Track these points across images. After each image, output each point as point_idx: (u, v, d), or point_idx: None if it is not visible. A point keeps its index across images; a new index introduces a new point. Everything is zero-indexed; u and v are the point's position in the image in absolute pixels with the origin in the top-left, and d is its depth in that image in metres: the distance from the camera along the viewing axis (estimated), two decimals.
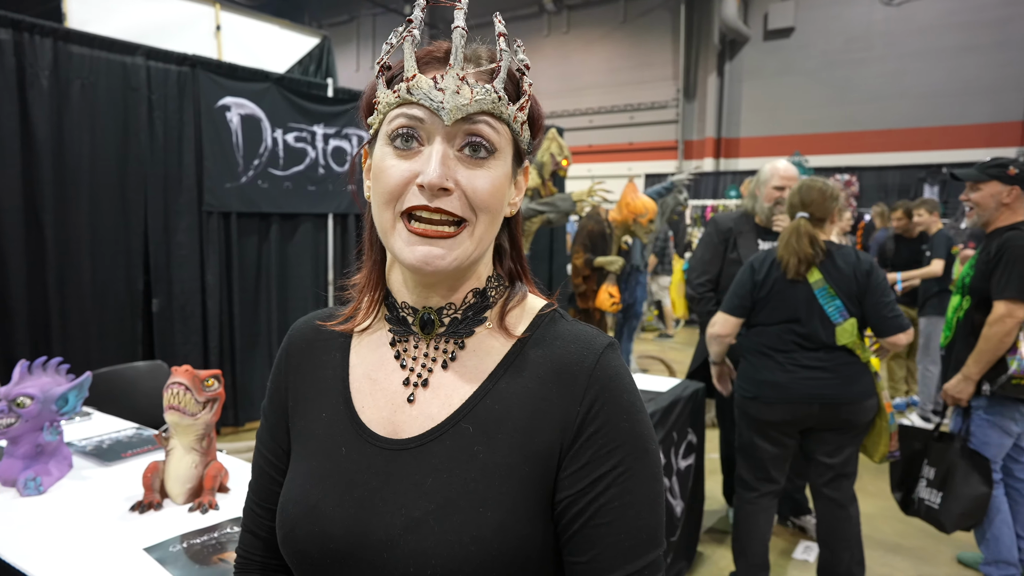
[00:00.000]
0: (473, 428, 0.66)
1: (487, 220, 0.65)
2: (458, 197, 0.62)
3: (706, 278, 2.98)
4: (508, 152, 0.66)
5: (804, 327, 2.27)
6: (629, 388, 0.67)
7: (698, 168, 11.26)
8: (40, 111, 3.33)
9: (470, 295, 0.71)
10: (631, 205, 4.16)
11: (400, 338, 0.72)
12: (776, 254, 2.33)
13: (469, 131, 0.63)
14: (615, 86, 12.78)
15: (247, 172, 4.23)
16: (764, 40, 11.37)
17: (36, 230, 3.36)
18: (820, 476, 2.37)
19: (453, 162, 0.63)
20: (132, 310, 3.75)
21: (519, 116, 0.66)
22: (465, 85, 0.62)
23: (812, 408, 2.26)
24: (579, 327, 0.71)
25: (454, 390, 0.68)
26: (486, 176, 0.64)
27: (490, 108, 0.63)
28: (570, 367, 0.67)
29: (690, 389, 2.96)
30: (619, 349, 0.70)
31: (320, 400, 0.74)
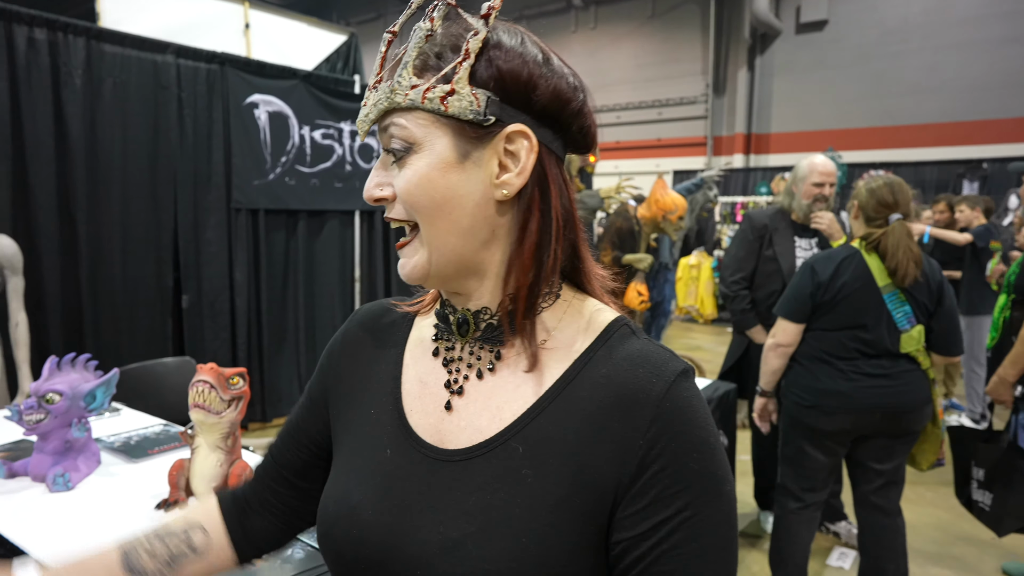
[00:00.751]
0: (523, 448, 0.60)
1: (429, 219, 0.60)
2: (400, 203, 0.61)
3: (740, 276, 2.89)
4: (435, 136, 0.59)
5: (869, 333, 2.14)
6: (702, 422, 0.59)
7: (728, 164, 11.08)
8: (74, 109, 3.37)
9: (507, 300, 0.63)
10: (661, 202, 4.09)
11: (443, 335, 0.69)
12: (845, 255, 2.19)
13: (387, 136, 0.61)
14: (643, 82, 12.62)
15: (275, 169, 4.24)
16: (796, 34, 11.13)
17: (69, 226, 3.41)
18: (869, 483, 2.26)
19: (390, 170, 0.62)
20: (162, 306, 3.79)
21: (434, 92, 0.57)
22: (372, 92, 0.61)
23: (874, 417, 2.15)
24: (651, 347, 0.63)
25: (506, 402, 0.63)
26: (403, 175, 0.60)
27: (387, 105, 0.60)
28: (635, 394, 0.59)
29: (721, 390, 2.90)
30: (692, 376, 0.62)
31: (372, 395, 0.71)
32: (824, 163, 2.79)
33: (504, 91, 0.59)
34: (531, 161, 0.60)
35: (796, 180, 2.82)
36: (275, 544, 0.81)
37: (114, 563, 0.73)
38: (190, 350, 3.88)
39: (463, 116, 0.58)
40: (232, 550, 0.78)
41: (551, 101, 0.61)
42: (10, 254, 2.33)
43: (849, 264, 2.18)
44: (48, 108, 3.29)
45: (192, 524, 0.78)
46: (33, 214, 3.27)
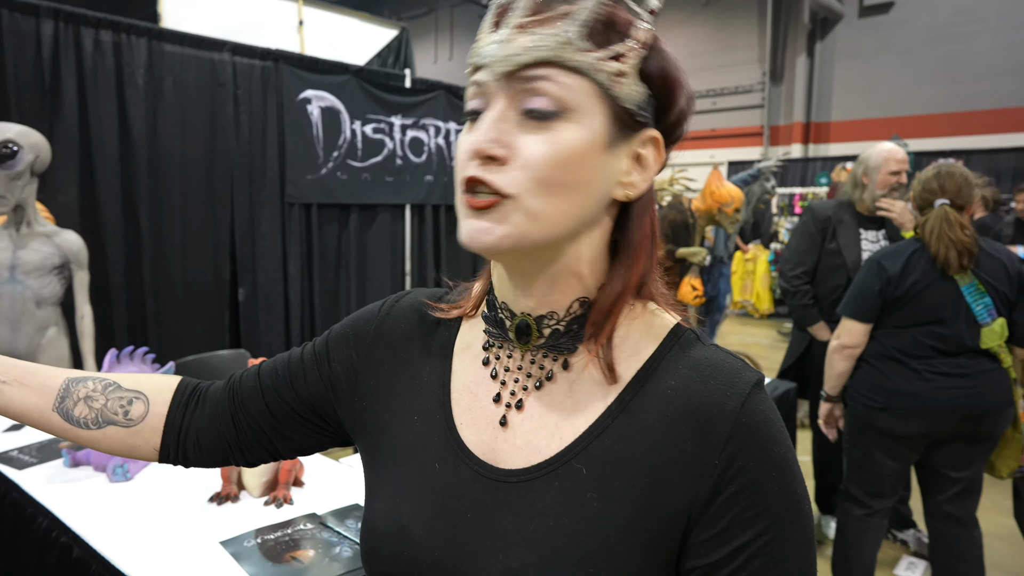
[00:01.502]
0: (587, 470, 0.55)
1: (544, 194, 0.52)
2: (516, 168, 0.52)
3: (801, 270, 2.77)
4: (593, 112, 0.53)
5: (947, 328, 2.01)
6: (779, 438, 0.55)
7: (786, 154, 10.74)
8: (136, 108, 3.47)
9: (576, 304, 0.58)
10: (716, 194, 3.96)
11: (494, 342, 0.63)
12: (914, 248, 2.07)
13: (528, 90, 0.52)
14: (697, 71, 12.33)
15: (327, 164, 4.29)
16: (860, 17, 10.69)
17: (132, 221, 3.52)
18: (944, 491, 2.13)
19: (514, 127, 0.52)
20: (219, 299, 3.88)
21: (607, 66, 0.52)
22: (520, 35, 0.52)
23: (951, 420, 2.02)
24: (719, 356, 0.58)
25: (565, 420, 0.58)
26: (546, 141, 0.52)
27: (550, 56, 0.51)
28: (708, 408, 0.54)
29: (780, 389, 2.79)
30: (764, 386, 0.57)
31: (415, 400, 0.65)
32: (898, 150, 2.66)
33: (658, 94, 0.57)
34: (656, 169, 0.58)
35: (868, 170, 2.67)
36: (202, 459, 0.73)
37: (51, 390, 0.69)
38: (246, 342, 3.97)
39: (626, 102, 0.54)
40: (160, 440, 0.72)
41: (678, 118, 0.59)
42: (76, 249, 2.41)
43: (920, 257, 2.05)
44: (112, 107, 3.40)
45: (141, 393, 0.72)
46: (99, 210, 3.38)
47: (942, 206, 2.04)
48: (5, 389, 0.68)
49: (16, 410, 0.69)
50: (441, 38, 15.51)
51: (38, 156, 2.30)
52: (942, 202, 2.05)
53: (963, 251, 1.98)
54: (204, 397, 0.74)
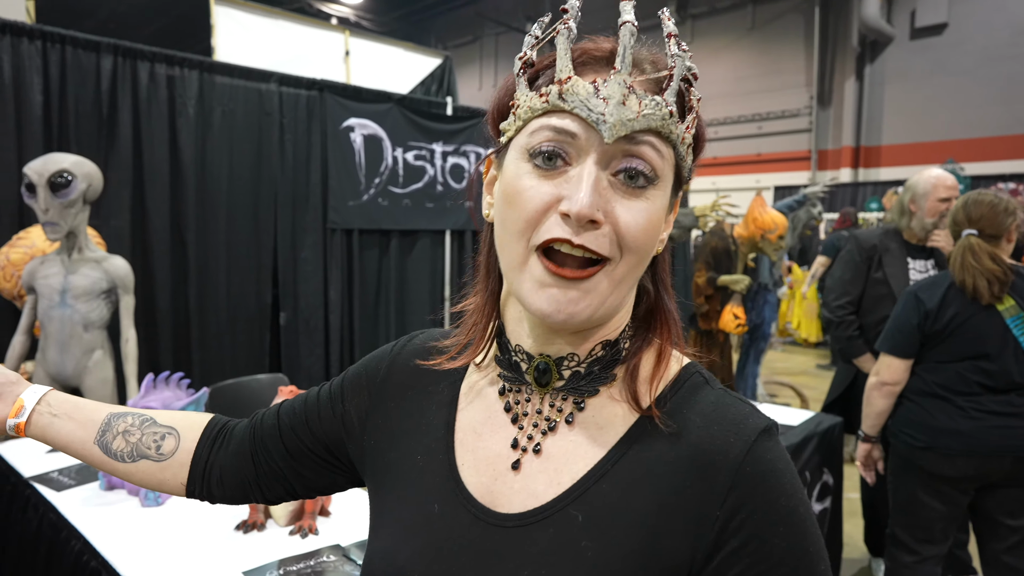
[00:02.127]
0: (583, 517, 0.53)
1: (634, 261, 0.53)
2: (606, 233, 0.50)
3: (846, 300, 2.67)
4: (669, 180, 0.55)
5: (993, 363, 1.91)
6: (789, 489, 0.51)
7: (834, 179, 10.50)
8: (187, 137, 3.60)
9: (599, 347, 0.58)
10: (759, 220, 3.88)
11: (512, 387, 0.61)
12: (952, 279, 1.98)
13: (629, 152, 0.51)
14: (742, 95, 12.22)
15: (368, 190, 4.36)
16: (911, 39, 10.45)
17: (180, 247, 3.62)
18: (1001, 540, 1.99)
19: (606, 190, 0.51)
20: (261, 323, 3.95)
21: (687, 137, 0.54)
22: (632, 95, 0.50)
23: (1003, 462, 1.91)
24: (727, 400, 0.56)
25: (564, 464, 0.56)
26: (643, 210, 0.51)
27: (658, 126, 0.51)
28: (710, 455, 0.52)
29: (825, 424, 2.68)
30: (776, 434, 0.54)
31: (418, 439, 0.65)
32: (947, 176, 2.57)
33: (694, 156, 0.58)
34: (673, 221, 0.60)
35: (916, 197, 2.58)
36: (225, 495, 0.75)
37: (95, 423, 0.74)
38: (286, 366, 4.02)
39: (685, 170, 0.56)
40: (187, 475, 0.75)
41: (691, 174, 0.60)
42: (123, 274, 2.49)
43: (959, 288, 1.96)
44: (164, 136, 3.53)
45: (174, 428, 0.76)
46: (149, 236, 3.50)
47: (967, 236, 1.98)
48: (55, 422, 0.74)
49: (63, 442, 0.74)
50: (486, 65, 15.75)
51: (90, 185, 2.39)
52: (969, 232, 1.98)
53: (992, 280, 1.89)
54: (230, 435, 0.77)
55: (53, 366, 2.43)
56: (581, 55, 0.54)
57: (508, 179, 0.54)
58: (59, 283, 2.40)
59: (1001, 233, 1.97)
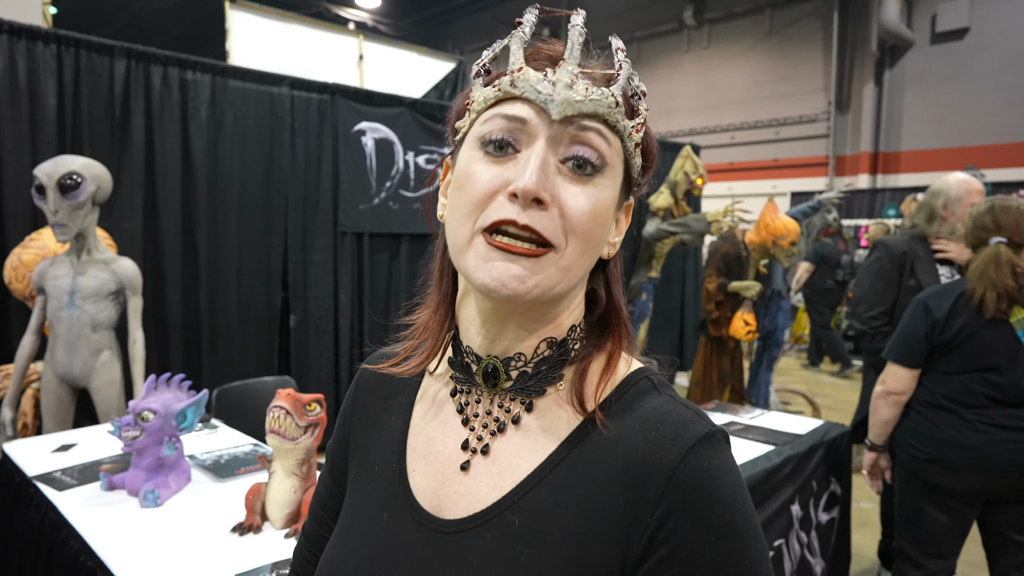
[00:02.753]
0: (519, 522, 0.53)
1: (581, 249, 0.52)
2: (552, 217, 0.51)
3: (880, 310, 2.57)
4: (618, 174, 0.55)
5: (1003, 377, 1.86)
6: (727, 499, 0.49)
7: (849, 185, 10.37)
8: (199, 141, 3.63)
9: (544, 345, 0.57)
10: (770, 227, 3.84)
11: (462, 388, 0.61)
12: (962, 288, 1.93)
13: (576, 138, 0.52)
14: (759, 100, 12.12)
15: (379, 194, 4.38)
16: (931, 44, 10.30)
17: (191, 249, 3.65)
18: (1009, 556, 1.94)
19: (553, 173, 0.51)
20: (271, 325, 3.97)
21: (634, 135, 0.55)
22: (580, 81, 0.52)
23: (1010, 477, 1.86)
24: (669, 406, 0.54)
25: (508, 467, 0.56)
26: (589, 195, 0.52)
27: (605, 113, 0.53)
28: (645, 462, 0.50)
29: (833, 433, 2.63)
30: (722, 441, 0.52)
31: (378, 450, 0.65)
32: (975, 181, 2.52)
33: (644, 164, 0.59)
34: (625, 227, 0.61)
35: (949, 203, 2.50)
36: None
37: None
38: (295, 368, 4.04)
39: (634, 171, 0.58)
40: None
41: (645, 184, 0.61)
42: (131, 275, 2.51)
43: (969, 298, 1.90)
44: (176, 140, 3.56)
45: None
46: (160, 238, 3.53)
47: (997, 245, 1.90)
48: None
49: None
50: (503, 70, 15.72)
51: (99, 187, 2.42)
52: (998, 240, 1.91)
53: (1003, 295, 1.84)
54: None
55: (61, 366, 2.46)
56: (534, 53, 0.56)
57: (459, 168, 0.55)
58: (68, 284, 2.42)
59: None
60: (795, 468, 2.21)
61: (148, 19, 11.19)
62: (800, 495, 2.22)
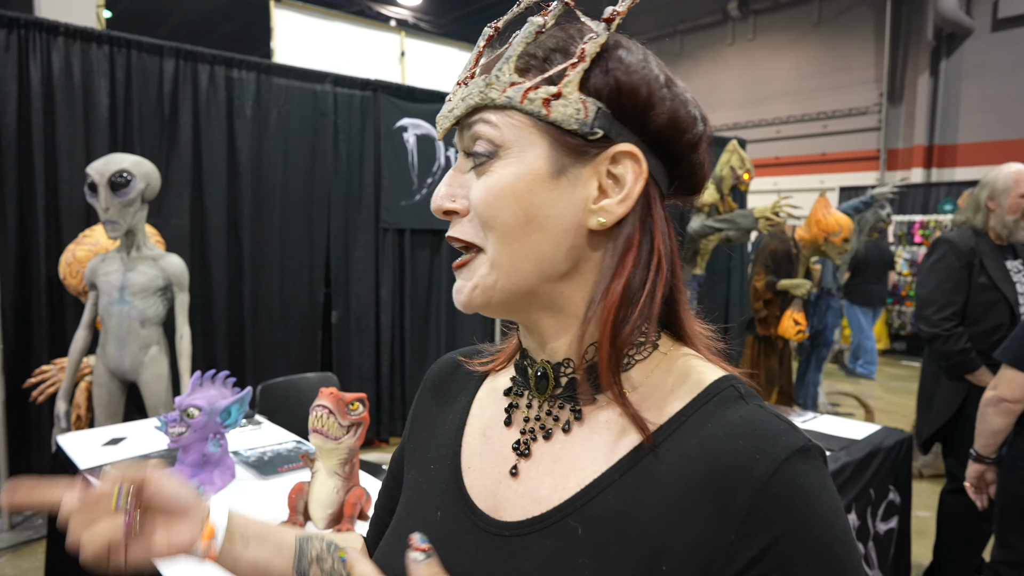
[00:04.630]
0: (583, 530, 0.49)
1: (499, 239, 0.50)
2: (471, 219, 0.52)
3: (951, 311, 2.42)
4: (530, 143, 0.50)
5: None
6: (825, 521, 0.44)
7: (904, 179, 10.01)
8: (244, 138, 3.68)
9: (592, 350, 0.53)
10: (822, 222, 3.71)
11: (517, 389, 0.59)
12: None
13: (471, 137, 0.52)
14: (806, 93, 11.79)
15: (420, 190, 4.37)
16: (992, 31, 9.86)
17: (236, 245, 3.70)
18: None
19: (467, 178, 0.53)
20: (313, 321, 4.01)
21: (537, 94, 0.49)
22: (460, 87, 0.53)
23: None
24: (761, 415, 0.49)
25: (573, 468, 0.52)
26: (482, 184, 0.51)
27: (477, 101, 0.51)
28: (730, 472, 0.46)
29: (892, 439, 2.52)
30: (819, 458, 0.47)
31: (435, 448, 0.64)
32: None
33: (618, 105, 0.50)
34: (638, 188, 0.51)
35: (996, 194, 2.40)
36: None
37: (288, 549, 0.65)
38: (337, 364, 4.07)
39: (566, 124, 0.49)
40: None
41: (667, 126, 0.51)
42: (178, 272, 2.54)
43: None
44: (223, 137, 3.61)
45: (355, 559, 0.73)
46: (207, 235, 3.59)
47: None
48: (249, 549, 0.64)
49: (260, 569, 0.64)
50: None
51: (148, 184, 2.45)
52: None
53: None
54: None
55: (112, 360, 2.51)
56: None
57: None
58: (118, 280, 2.47)
59: None
60: (852, 475, 2.11)
61: (197, 21, 11.46)
62: (857, 504, 2.12)
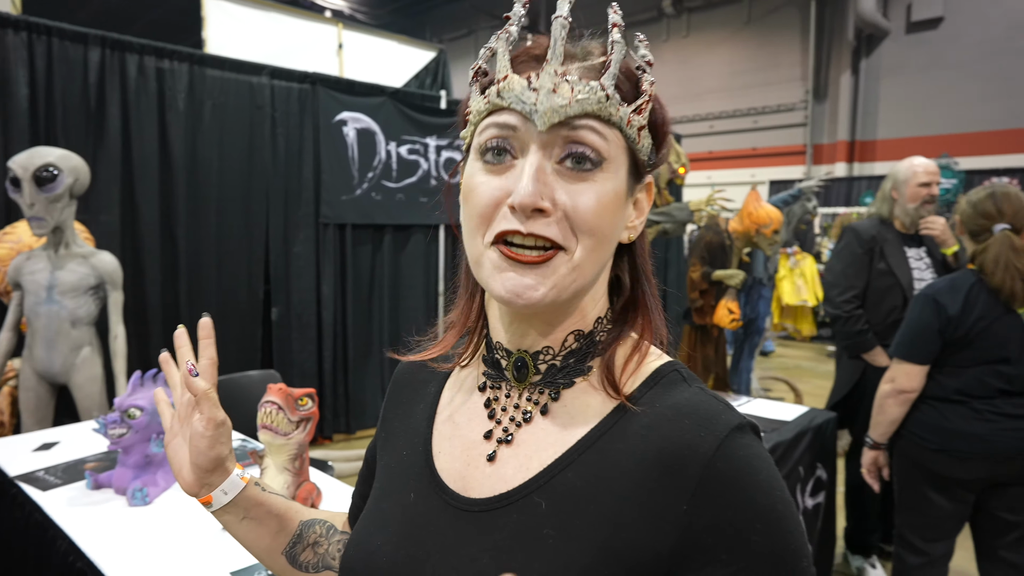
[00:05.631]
0: (546, 504, 0.54)
1: (591, 245, 0.53)
2: (557, 220, 0.52)
3: (852, 294, 2.64)
4: (622, 163, 0.55)
5: (1013, 367, 1.88)
6: (766, 486, 0.50)
7: (829, 174, 10.48)
8: (176, 131, 3.56)
9: (571, 338, 0.59)
10: (754, 215, 3.86)
11: (492, 383, 0.63)
12: (971, 281, 1.92)
13: (570, 138, 0.52)
14: (738, 89, 12.19)
15: (362, 184, 4.33)
16: (907, 33, 10.42)
17: (170, 242, 3.59)
18: (1001, 536, 1.98)
19: (552, 177, 0.52)
20: (252, 318, 3.92)
21: (635, 120, 0.54)
22: (564, 83, 0.52)
23: (1014, 463, 1.89)
24: (702, 396, 0.55)
25: (536, 451, 0.57)
26: (591, 192, 0.52)
27: (595, 110, 0.52)
28: (679, 449, 0.51)
29: (819, 419, 2.67)
30: (753, 432, 0.53)
31: (406, 437, 0.68)
32: (928, 162, 2.60)
33: (657, 142, 0.58)
34: (649, 206, 0.61)
35: (897, 184, 2.62)
36: None
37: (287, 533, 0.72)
38: (278, 361, 4.00)
39: (641, 154, 0.57)
40: None
41: (662, 158, 0.60)
42: (111, 270, 2.46)
43: (980, 290, 1.91)
44: (154, 130, 3.49)
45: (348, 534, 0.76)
46: (139, 230, 3.46)
47: (1004, 232, 1.90)
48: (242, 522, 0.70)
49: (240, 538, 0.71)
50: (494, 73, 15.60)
51: (77, 179, 2.36)
52: (1002, 227, 1.91)
53: None
54: None
55: (40, 363, 2.41)
56: (521, 54, 0.57)
57: (465, 179, 0.57)
58: (46, 279, 2.37)
59: None
60: (783, 455, 2.23)
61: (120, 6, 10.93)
62: (787, 481, 2.24)
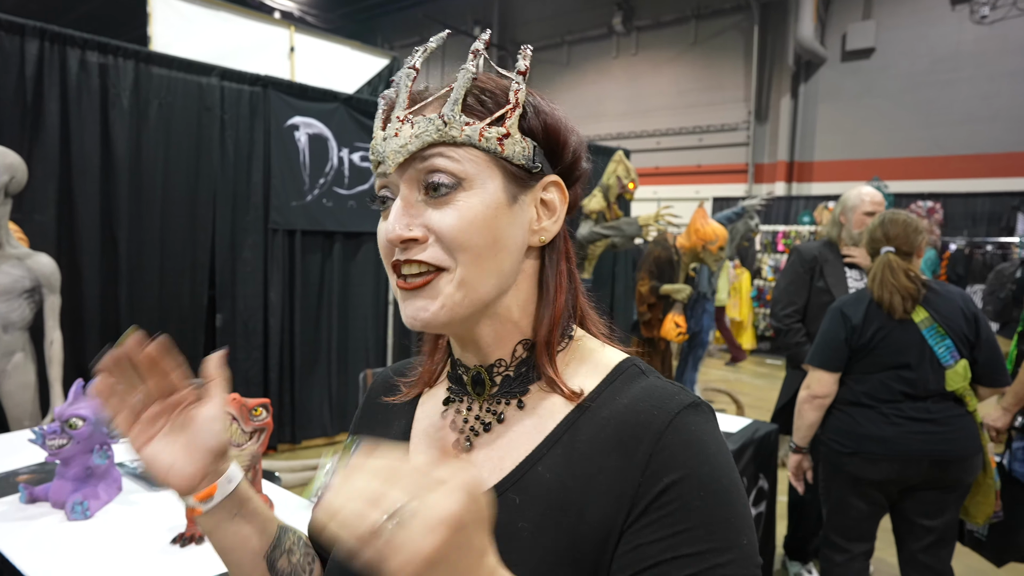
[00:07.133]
0: (520, 499, 0.57)
1: (470, 259, 0.56)
2: (433, 243, 0.57)
3: (793, 308, 2.84)
4: (489, 176, 0.58)
5: (913, 372, 2.03)
6: (713, 460, 0.53)
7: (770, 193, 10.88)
8: (120, 130, 3.44)
9: (520, 347, 0.63)
10: (701, 231, 3.98)
11: (455, 397, 0.67)
12: (871, 295, 2.11)
13: (424, 170, 0.57)
14: (684, 108, 12.53)
15: (312, 191, 4.27)
16: (842, 61, 10.93)
17: (111, 245, 3.46)
18: (917, 540, 2.11)
19: (420, 207, 0.57)
20: (196, 324, 3.81)
21: (489, 132, 0.57)
22: (405, 125, 0.58)
23: (921, 465, 2.03)
24: (659, 383, 0.59)
25: (508, 451, 0.61)
26: (452, 212, 0.56)
27: (435, 138, 0.57)
28: (634, 428, 0.55)
29: (762, 431, 2.77)
30: (707, 411, 0.57)
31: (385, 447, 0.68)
32: (874, 192, 2.78)
33: (546, 143, 0.61)
34: (564, 209, 0.63)
35: (846, 210, 2.80)
36: None
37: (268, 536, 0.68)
38: None
39: (516, 160, 0.59)
40: None
41: (573, 157, 0.64)
42: (48, 272, 2.35)
43: (877, 303, 2.10)
44: (96, 128, 3.37)
45: None
46: (76, 231, 3.33)
47: (886, 254, 2.10)
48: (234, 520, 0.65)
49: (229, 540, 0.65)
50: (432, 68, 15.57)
51: (13, 177, 2.26)
52: (887, 250, 2.11)
53: (906, 296, 2.03)
54: None
55: None
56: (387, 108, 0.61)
57: None
58: None
59: (913, 250, 2.13)
60: None
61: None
62: None
